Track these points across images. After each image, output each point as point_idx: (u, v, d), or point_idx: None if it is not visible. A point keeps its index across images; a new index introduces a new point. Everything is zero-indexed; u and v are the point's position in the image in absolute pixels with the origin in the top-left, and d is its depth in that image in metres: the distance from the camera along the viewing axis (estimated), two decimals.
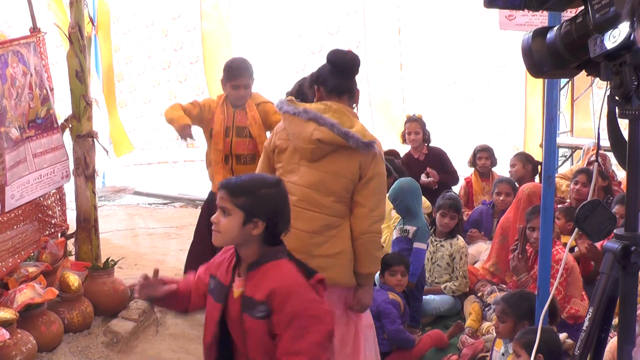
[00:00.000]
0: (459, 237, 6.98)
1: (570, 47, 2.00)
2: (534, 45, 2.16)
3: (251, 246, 3.27)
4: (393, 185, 6.57)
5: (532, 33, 2.19)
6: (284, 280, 3.21)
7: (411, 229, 6.46)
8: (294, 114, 4.36)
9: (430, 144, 8.69)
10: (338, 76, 4.46)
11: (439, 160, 8.58)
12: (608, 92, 1.98)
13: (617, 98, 1.92)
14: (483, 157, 8.63)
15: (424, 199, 7.35)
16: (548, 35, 2.11)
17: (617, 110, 1.95)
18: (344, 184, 4.38)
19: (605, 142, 7.34)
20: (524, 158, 8.37)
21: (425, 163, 8.51)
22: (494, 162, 8.70)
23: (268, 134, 5.78)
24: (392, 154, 8.21)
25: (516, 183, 7.90)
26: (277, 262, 3.27)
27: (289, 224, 3.36)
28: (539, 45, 2.14)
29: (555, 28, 2.07)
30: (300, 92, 5.66)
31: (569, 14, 3.61)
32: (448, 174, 8.54)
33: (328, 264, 4.36)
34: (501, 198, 7.69)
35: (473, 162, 8.73)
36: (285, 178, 4.34)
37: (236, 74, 5.95)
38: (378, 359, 4.96)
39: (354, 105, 4.58)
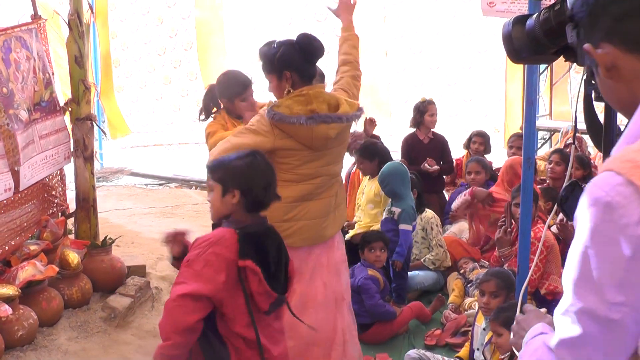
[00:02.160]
0: (427, 210, 7.00)
1: (548, 34, 1.99)
2: (514, 32, 2.14)
3: (238, 216, 3.34)
4: (382, 169, 6.58)
5: (512, 20, 2.18)
6: (203, 236, 3.34)
7: (397, 210, 6.46)
8: (300, 124, 4.23)
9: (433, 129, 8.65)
10: (310, 62, 4.43)
11: (440, 147, 8.50)
12: (585, 76, 1.99)
13: (593, 82, 1.93)
14: (477, 142, 8.57)
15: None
16: (527, 22, 2.10)
17: (593, 93, 1.95)
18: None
19: (582, 125, 7.41)
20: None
21: (428, 146, 8.39)
22: (487, 149, 8.60)
23: None
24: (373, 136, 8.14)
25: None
26: (222, 229, 3.34)
27: (271, 193, 3.42)
28: (518, 32, 2.13)
29: (535, 15, 2.07)
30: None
31: (548, 2, 3.63)
32: (446, 163, 8.49)
33: (341, 211, 4.73)
34: (471, 177, 7.66)
35: (467, 145, 8.70)
36: (306, 166, 4.39)
37: (246, 85, 5.66)
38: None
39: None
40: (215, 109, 5.44)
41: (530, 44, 2.09)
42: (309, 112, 4.22)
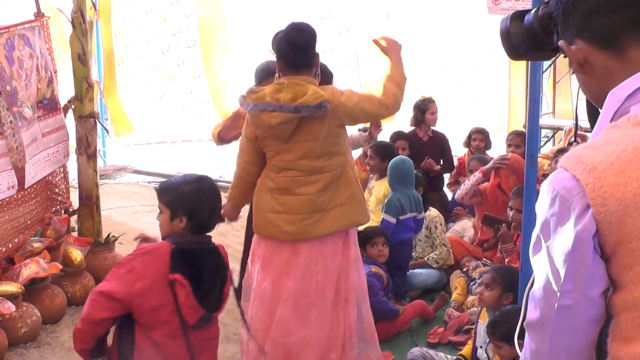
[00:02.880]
0: (431, 208, 7.00)
1: (546, 29, 1.98)
2: (512, 27, 2.13)
3: (184, 236, 3.44)
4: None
5: (510, 15, 2.16)
6: (144, 245, 3.45)
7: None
8: (250, 110, 4.43)
9: (434, 127, 8.64)
10: (295, 52, 4.46)
11: (440, 145, 8.50)
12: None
13: None
14: (477, 139, 8.56)
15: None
16: (526, 18, 2.08)
17: None
18: (327, 142, 4.46)
19: (583, 122, 7.37)
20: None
21: (428, 144, 8.41)
22: (488, 145, 8.61)
23: None
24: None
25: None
26: (162, 242, 3.45)
27: (215, 216, 3.56)
28: (516, 28, 2.11)
29: (533, 11, 2.06)
30: None
31: None
32: (446, 162, 8.49)
33: (344, 211, 4.58)
34: (473, 174, 7.67)
35: (468, 143, 8.69)
36: (279, 157, 4.48)
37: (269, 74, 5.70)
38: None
39: (315, 71, 4.58)
40: None
41: (529, 40, 2.08)
42: (253, 102, 4.40)
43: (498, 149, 8.73)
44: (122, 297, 3.21)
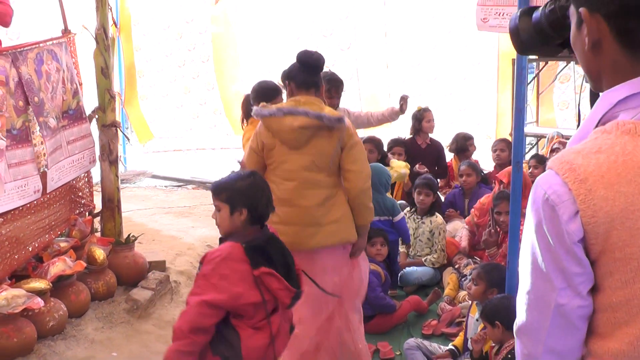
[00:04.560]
0: (438, 214, 7.00)
1: (554, 25, 1.94)
2: (520, 23, 2.08)
3: (244, 230, 3.44)
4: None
5: (519, 13, 2.11)
6: (212, 252, 3.43)
7: None
8: (271, 115, 4.39)
9: (431, 135, 8.68)
10: (306, 73, 4.47)
11: (436, 152, 8.57)
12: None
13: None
14: (471, 144, 8.63)
15: (398, 163, 7.61)
16: (534, 14, 2.04)
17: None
18: (331, 160, 4.43)
19: (565, 131, 7.35)
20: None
21: (426, 151, 8.46)
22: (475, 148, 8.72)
23: None
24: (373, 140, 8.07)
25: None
26: (229, 243, 3.41)
27: (270, 206, 3.56)
28: (525, 24, 2.07)
29: (541, 7, 2.01)
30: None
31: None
32: (440, 168, 8.53)
33: (337, 228, 4.49)
34: (463, 179, 7.76)
35: (455, 149, 8.71)
36: (281, 167, 4.44)
37: (276, 93, 5.73)
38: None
39: (321, 95, 4.60)
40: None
41: (537, 35, 2.04)
42: (276, 108, 4.40)
43: (487, 155, 8.75)
44: (225, 304, 3.27)
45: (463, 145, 8.61)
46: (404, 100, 6.00)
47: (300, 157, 4.41)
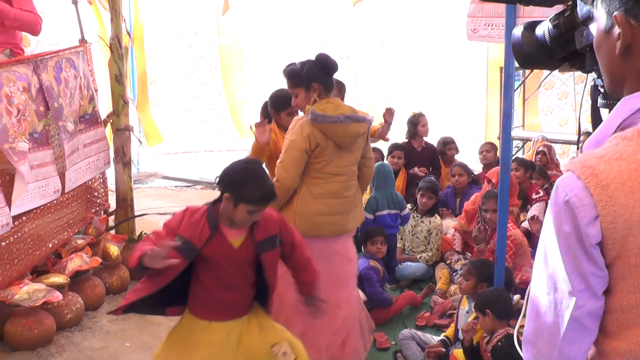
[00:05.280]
0: (437, 215, 7.02)
1: (558, 40, 1.86)
2: (523, 38, 2.02)
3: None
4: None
5: (522, 27, 2.05)
6: (280, 220, 3.59)
7: None
8: (335, 122, 4.36)
9: (426, 139, 8.73)
10: (329, 75, 4.50)
11: (431, 155, 8.61)
12: (591, 83, 1.89)
13: (600, 88, 1.83)
14: (452, 148, 8.71)
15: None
16: (537, 29, 1.97)
17: (599, 100, 1.87)
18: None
19: (549, 134, 7.38)
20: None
21: (421, 153, 8.51)
22: (457, 151, 8.78)
23: None
24: (377, 150, 8.19)
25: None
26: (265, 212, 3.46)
27: (266, 201, 3.41)
28: (528, 38, 2.00)
29: (544, 22, 1.94)
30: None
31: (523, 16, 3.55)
32: (435, 169, 8.57)
33: (359, 211, 4.78)
34: (455, 178, 7.81)
35: (442, 152, 8.77)
36: (332, 164, 4.47)
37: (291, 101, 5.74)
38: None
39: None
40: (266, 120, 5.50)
41: (540, 50, 1.97)
42: (340, 114, 4.38)
43: (475, 156, 8.78)
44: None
45: (442, 149, 8.74)
46: (388, 112, 5.98)
47: (349, 155, 4.53)
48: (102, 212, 6.36)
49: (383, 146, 8.31)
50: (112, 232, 6.29)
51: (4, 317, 4.72)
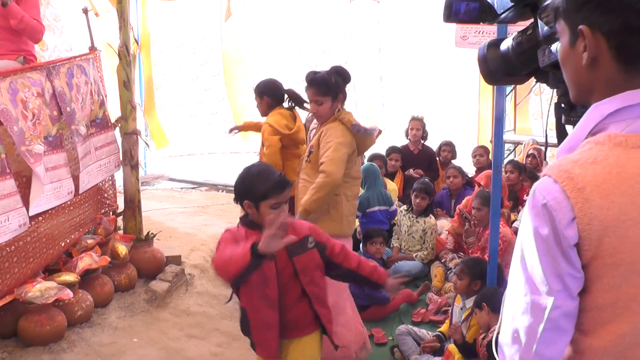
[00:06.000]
0: (431, 216, 7.04)
1: (521, 57, 1.88)
2: (488, 54, 2.04)
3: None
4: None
5: (487, 44, 2.07)
6: (310, 226, 3.48)
7: None
8: (370, 135, 4.61)
9: (425, 142, 8.75)
10: (345, 86, 4.66)
11: (428, 158, 8.64)
12: (555, 100, 1.91)
13: (562, 105, 1.85)
14: (446, 150, 8.72)
15: (391, 183, 7.63)
16: (502, 46, 1.99)
17: (563, 117, 1.85)
18: None
19: (540, 138, 7.40)
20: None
21: (418, 156, 8.55)
22: (454, 156, 8.78)
23: None
24: (380, 156, 8.21)
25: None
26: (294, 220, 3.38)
27: (282, 189, 3.24)
28: (493, 55, 2.02)
29: (508, 39, 1.96)
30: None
31: (516, 27, 3.56)
32: (432, 171, 8.59)
33: None
34: (450, 180, 7.86)
35: (438, 154, 8.80)
36: (354, 169, 4.60)
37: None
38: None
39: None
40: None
41: (505, 66, 1.99)
42: (373, 127, 4.67)
43: (468, 159, 8.80)
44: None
45: (438, 152, 8.89)
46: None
47: (360, 160, 4.77)
48: (111, 213, 6.35)
49: (381, 148, 8.33)
50: (121, 232, 6.29)
51: (18, 314, 4.72)
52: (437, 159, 8.78)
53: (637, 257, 1.47)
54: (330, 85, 4.54)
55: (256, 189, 3.22)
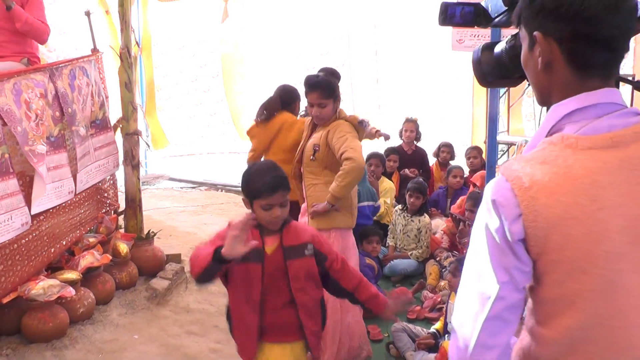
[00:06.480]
0: (426, 215, 7.03)
1: (514, 60, 1.86)
2: (482, 57, 2.04)
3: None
4: None
5: (481, 47, 2.06)
6: (315, 233, 3.29)
7: None
8: (366, 128, 4.73)
9: (419, 143, 8.74)
10: None
11: (421, 158, 8.64)
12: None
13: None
14: (445, 151, 8.71)
15: (389, 182, 7.59)
16: (495, 49, 1.99)
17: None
18: None
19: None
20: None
21: (411, 157, 8.54)
22: (452, 156, 8.78)
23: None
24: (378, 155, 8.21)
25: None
26: (292, 221, 3.24)
27: (271, 190, 3.07)
28: (487, 58, 2.02)
29: (502, 42, 1.96)
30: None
31: (510, 30, 3.56)
32: (425, 172, 8.59)
33: None
34: (457, 179, 7.82)
35: (437, 154, 8.79)
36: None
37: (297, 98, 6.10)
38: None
39: None
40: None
41: (498, 69, 2.00)
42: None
43: (462, 160, 8.80)
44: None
45: (437, 152, 8.86)
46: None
47: None
48: (112, 212, 6.35)
49: (378, 147, 8.33)
50: (122, 230, 6.28)
51: (21, 311, 4.71)
52: (436, 159, 8.78)
53: (580, 254, 1.50)
54: (333, 88, 4.59)
55: (250, 186, 3.13)
